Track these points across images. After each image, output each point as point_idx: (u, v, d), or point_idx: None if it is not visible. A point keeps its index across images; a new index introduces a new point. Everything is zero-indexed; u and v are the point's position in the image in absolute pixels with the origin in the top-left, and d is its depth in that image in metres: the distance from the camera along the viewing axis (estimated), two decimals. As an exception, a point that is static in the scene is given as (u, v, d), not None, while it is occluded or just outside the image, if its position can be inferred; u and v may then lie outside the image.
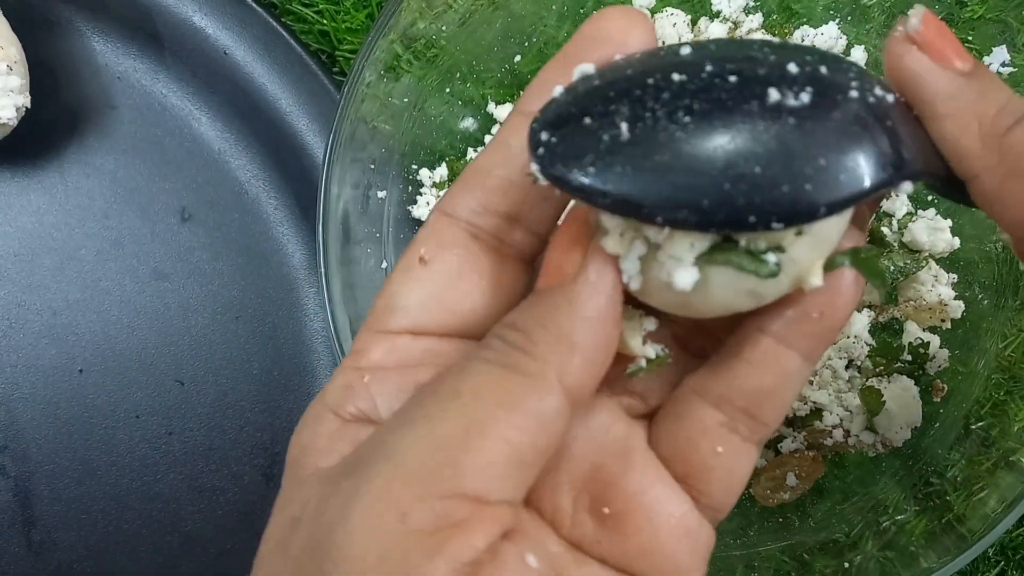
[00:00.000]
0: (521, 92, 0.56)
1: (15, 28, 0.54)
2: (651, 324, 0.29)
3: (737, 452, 0.29)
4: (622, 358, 0.29)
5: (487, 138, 0.55)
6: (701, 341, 0.30)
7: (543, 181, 0.25)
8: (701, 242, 0.25)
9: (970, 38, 0.51)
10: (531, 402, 0.24)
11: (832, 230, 0.26)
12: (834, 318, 0.27)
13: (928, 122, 0.26)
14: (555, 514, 0.29)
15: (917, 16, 0.26)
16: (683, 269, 0.25)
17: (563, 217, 0.28)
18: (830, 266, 0.27)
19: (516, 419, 0.24)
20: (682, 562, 0.28)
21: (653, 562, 0.28)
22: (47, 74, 0.58)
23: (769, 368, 0.28)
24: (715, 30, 0.54)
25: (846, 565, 0.49)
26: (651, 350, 0.29)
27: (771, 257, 0.25)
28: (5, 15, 0.54)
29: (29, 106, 0.54)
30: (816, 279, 0.26)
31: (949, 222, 0.51)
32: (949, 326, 0.51)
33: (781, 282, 0.26)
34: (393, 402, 0.28)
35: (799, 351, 0.28)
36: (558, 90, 0.26)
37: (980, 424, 0.49)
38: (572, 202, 0.27)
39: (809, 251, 0.26)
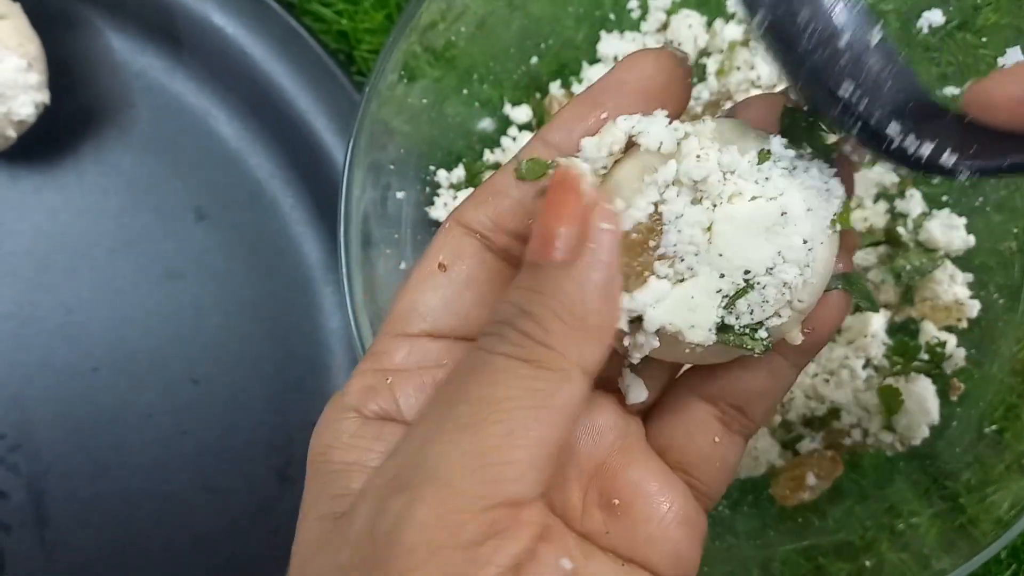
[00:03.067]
0: (538, 94, 0.56)
1: (34, 25, 0.54)
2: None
3: (731, 443, 0.31)
4: (615, 357, 0.30)
5: (503, 139, 0.56)
6: None
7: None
8: (703, 333, 0.28)
9: (984, 40, 0.52)
10: (559, 398, 0.25)
11: (819, 293, 0.29)
12: (823, 334, 0.30)
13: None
14: (565, 509, 0.30)
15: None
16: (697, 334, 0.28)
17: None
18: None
19: (547, 419, 0.25)
20: (683, 548, 0.30)
21: (658, 549, 0.30)
22: (65, 72, 0.58)
23: (761, 372, 0.31)
24: (730, 32, 0.54)
25: (861, 567, 0.49)
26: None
27: (763, 334, 0.28)
28: (25, 12, 0.54)
29: (48, 103, 0.54)
30: (795, 340, 0.29)
31: (964, 220, 0.52)
32: (965, 325, 0.52)
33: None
34: (414, 401, 0.29)
35: (788, 359, 0.31)
36: None
37: (993, 427, 0.50)
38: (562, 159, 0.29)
39: (792, 323, 0.29)
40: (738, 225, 0.28)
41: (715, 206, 0.28)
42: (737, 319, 0.28)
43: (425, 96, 0.53)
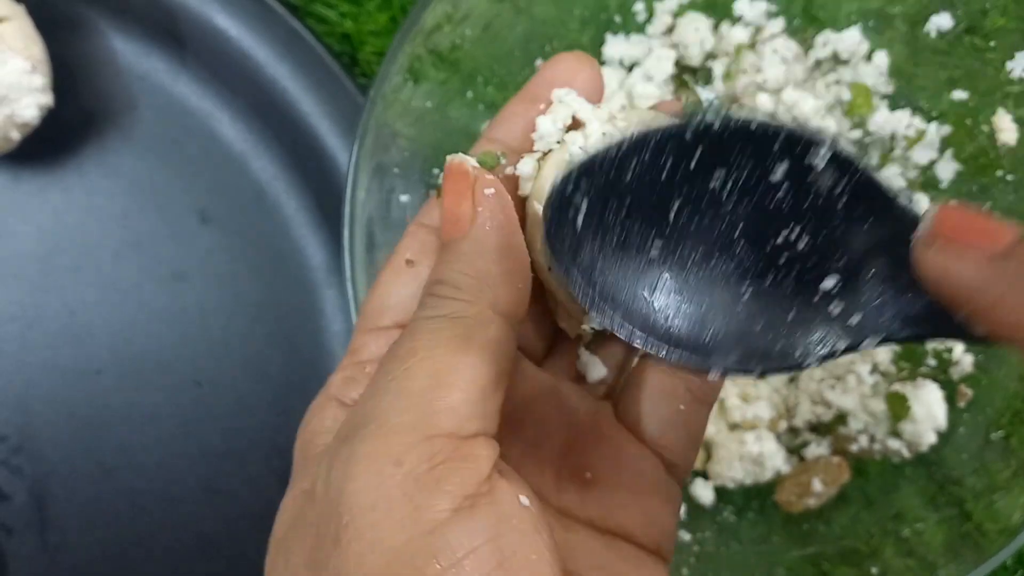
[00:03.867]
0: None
1: (38, 28, 0.54)
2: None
3: (696, 410, 0.33)
4: (574, 344, 0.34)
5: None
6: None
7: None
8: None
9: (992, 44, 0.51)
10: (478, 337, 0.27)
11: None
12: None
13: (979, 317, 0.23)
14: (541, 487, 0.31)
15: (929, 214, 0.24)
16: None
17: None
18: None
19: (471, 357, 0.27)
20: (657, 513, 0.32)
21: (632, 514, 0.31)
22: (69, 74, 0.57)
23: None
24: (737, 35, 0.54)
25: (867, 574, 0.49)
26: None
27: None
28: (29, 15, 0.54)
29: (52, 105, 0.54)
30: None
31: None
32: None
33: None
34: None
35: None
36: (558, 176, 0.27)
37: (1000, 434, 0.49)
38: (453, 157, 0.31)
39: None
40: None
41: None
42: None
43: (429, 99, 0.52)
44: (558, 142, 0.32)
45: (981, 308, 0.23)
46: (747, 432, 0.51)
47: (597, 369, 0.34)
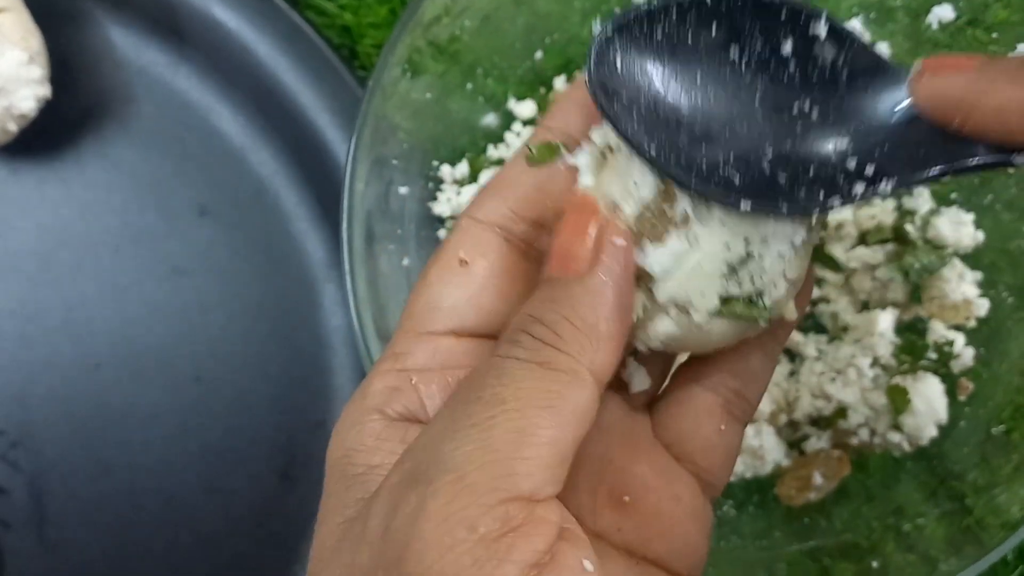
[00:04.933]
0: (542, 89, 0.56)
1: (37, 19, 0.54)
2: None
3: (735, 430, 0.32)
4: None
5: (507, 134, 0.55)
6: None
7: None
8: (712, 299, 0.29)
9: (995, 36, 0.51)
10: (570, 400, 0.26)
11: (805, 270, 0.31)
12: (801, 307, 0.33)
13: (968, 120, 0.27)
14: (578, 510, 0.30)
15: (916, 63, 0.29)
16: (699, 317, 0.29)
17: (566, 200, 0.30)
18: None
19: (558, 419, 0.25)
20: (693, 540, 0.31)
21: (670, 543, 0.30)
22: (67, 66, 0.57)
23: (755, 353, 0.33)
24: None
25: (867, 569, 0.49)
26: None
27: (767, 301, 0.30)
28: (27, 6, 0.54)
29: (50, 97, 0.54)
30: (792, 314, 0.32)
31: (972, 217, 0.51)
32: (975, 324, 0.51)
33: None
34: (439, 402, 0.29)
35: (773, 336, 0.33)
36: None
37: (1001, 428, 0.49)
38: (576, 187, 0.30)
39: (788, 296, 0.31)
40: None
41: None
42: (740, 287, 0.29)
43: (429, 91, 0.52)
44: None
45: (968, 110, 0.27)
46: (747, 426, 0.50)
47: (642, 380, 0.33)
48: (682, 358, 0.35)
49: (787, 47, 0.29)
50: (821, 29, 0.29)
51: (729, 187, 0.28)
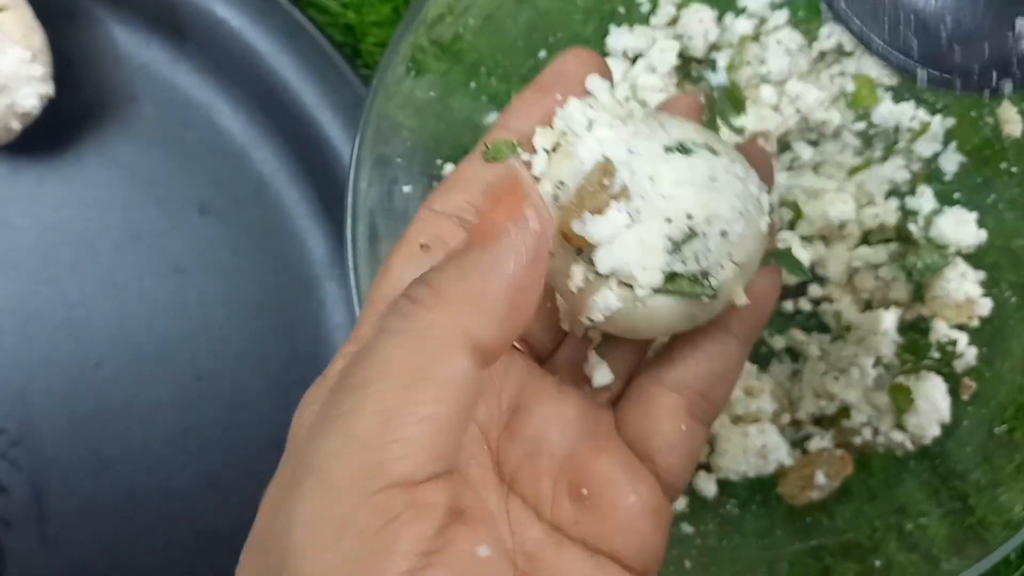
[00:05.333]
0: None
1: (39, 17, 0.54)
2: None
3: (696, 432, 0.33)
4: (581, 345, 0.34)
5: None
6: None
7: None
8: (655, 274, 0.30)
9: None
10: (441, 371, 0.24)
11: (756, 261, 0.32)
12: (765, 307, 0.34)
13: None
14: (537, 499, 0.31)
15: None
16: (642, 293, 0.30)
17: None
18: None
19: (427, 394, 0.24)
20: (649, 537, 0.31)
21: (626, 539, 0.31)
22: (69, 64, 0.57)
23: (718, 354, 0.33)
24: (740, 26, 0.54)
25: (870, 568, 0.49)
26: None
27: (713, 282, 0.30)
28: (29, 4, 0.53)
29: (52, 95, 0.53)
30: (742, 299, 0.32)
31: (975, 214, 0.51)
32: (977, 324, 0.51)
33: (714, 306, 0.32)
34: None
35: (739, 338, 0.34)
36: None
37: (1004, 427, 0.49)
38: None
39: (736, 280, 0.31)
40: (678, 172, 0.30)
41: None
42: (684, 264, 0.30)
43: (432, 90, 0.52)
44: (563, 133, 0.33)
45: None
46: (750, 425, 0.50)
47: (604, 374, 0.34)
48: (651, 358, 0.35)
49: None
50: None
51: (908, 53, 0.28)
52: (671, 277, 0.30)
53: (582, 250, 0.30)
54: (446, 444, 0.24)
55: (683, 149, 0.31)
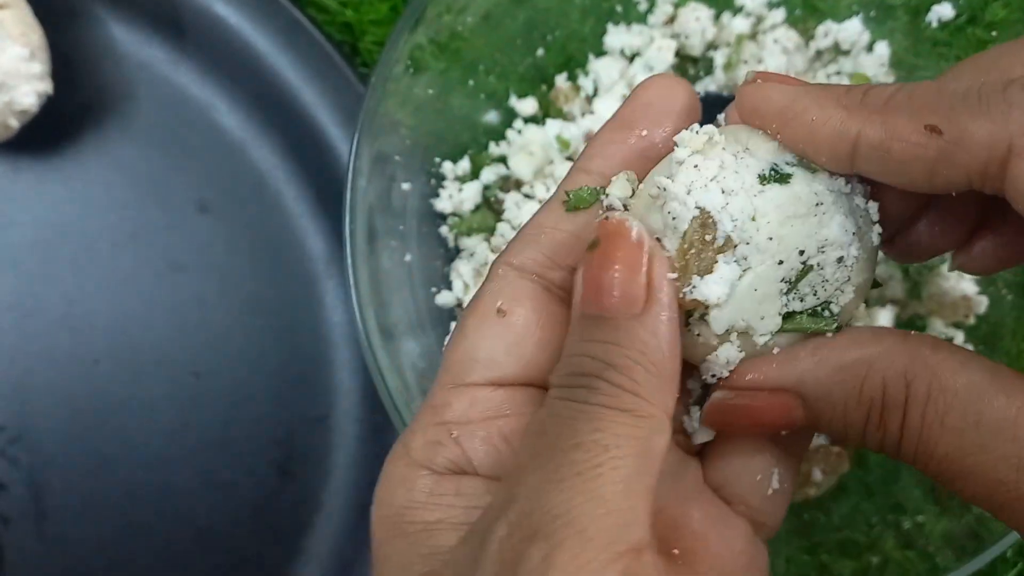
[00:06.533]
0: (544, 86, 0.56)
1: (38, 15, 0.54)
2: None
3: (788, 466, 0.31)
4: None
5: (509, 131, 0.55)
6: None
7: None
8: (773, 319, 0.28)
9: (994, 34, 0.51)
10: (657, 446, 0.26)
11: (872, 275, 0.30)
12: None
13: (783, 129, 0.28)
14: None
15: (749, 73, 0.30)
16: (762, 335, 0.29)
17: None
18: None
19: (651, 466, 0.25)
20: None
21: None
22: (68, 62, 0.57)
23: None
24: (738, 25, 0.54)
25: (866, 565, 0.49)
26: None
27: (834, 309, 0.29)
28: (28, 2, 0.53)
29: (51, 93, 0.53)
30: (862, 317, 0.30)
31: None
32: (973, 321, 0.51)
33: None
34: (483, 453, 0.29)
35: None
36: None
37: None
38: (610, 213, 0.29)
39: (856, 300, 0.29)
40: (781, 207, 0.28)
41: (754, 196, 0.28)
42: (802, 301, 0.29)
43: (430, 88, 0.52)
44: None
45: (785, 121, 0.28)
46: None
47: (706, 432, 0.31)
48: None
49: None
50: None
51: None
52: (789, 316, 0.29)
53: (694, 309, 0.28)
54: (652, 515, 0.25)
55: (779, 176, 0.28)
